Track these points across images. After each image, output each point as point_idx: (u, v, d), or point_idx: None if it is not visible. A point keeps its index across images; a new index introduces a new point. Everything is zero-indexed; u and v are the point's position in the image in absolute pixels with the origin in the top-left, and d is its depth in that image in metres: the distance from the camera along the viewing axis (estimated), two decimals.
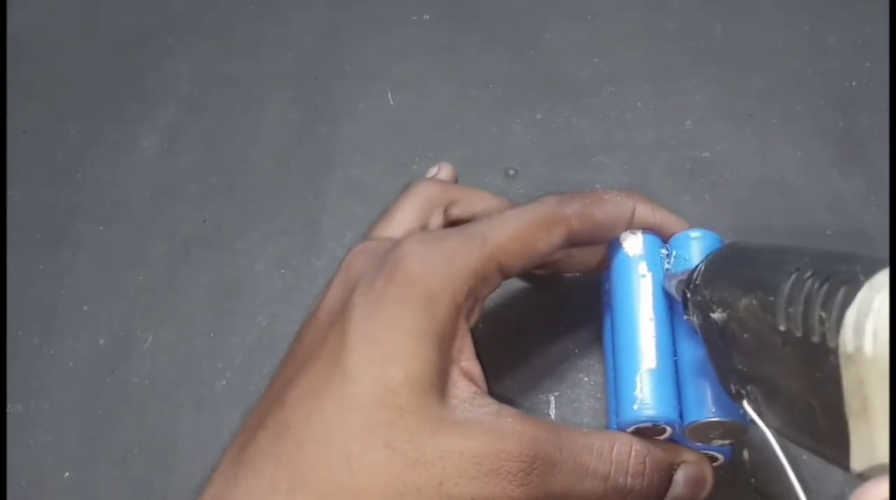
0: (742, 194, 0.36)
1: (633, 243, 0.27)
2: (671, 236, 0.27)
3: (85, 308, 0.36)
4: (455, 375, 0.23)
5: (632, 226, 0.27)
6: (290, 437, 0.21)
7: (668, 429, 0.24)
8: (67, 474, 0.31)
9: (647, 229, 0.27)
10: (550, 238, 0.25)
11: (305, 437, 0.21)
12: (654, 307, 0.26)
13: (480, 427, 0.22)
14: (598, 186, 0.37)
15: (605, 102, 0.40)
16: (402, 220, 0.28)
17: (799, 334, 0.17)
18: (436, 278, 0.23)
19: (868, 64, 0.40)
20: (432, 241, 0.24)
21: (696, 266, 0.23)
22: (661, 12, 0.43)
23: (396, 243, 0.24)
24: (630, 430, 0.24)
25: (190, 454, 0.31)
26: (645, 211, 0.27)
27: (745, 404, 0.20)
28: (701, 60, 0.41)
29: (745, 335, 0.19)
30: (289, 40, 0.45)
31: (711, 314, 0.21)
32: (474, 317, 0.25)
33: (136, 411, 0.33)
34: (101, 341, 0.35)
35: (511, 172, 0.38)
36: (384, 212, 0.29)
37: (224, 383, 0.33)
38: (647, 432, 0.24)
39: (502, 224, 0.25)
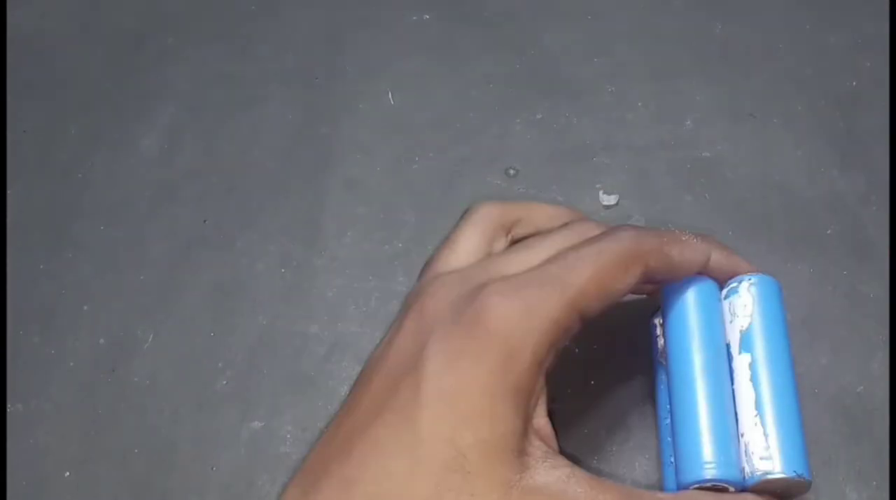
0: (742, 194, 0.36)
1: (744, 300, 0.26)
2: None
3: (85, 308, 0.36)
4: (530, 434, 0.22)
5: (705, 272, 0.26)
6: (356, 494, 0.21)
7: (731, 488, 0.24)
8: (67, 474, 0.31)
9: (712, 276, 0.27)
10: (628, 277, 0.24)
11: (372, 496, 0.21)
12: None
13: (548, 498, 0.21)
14: (598, 185, 0.37)
15: (605, 102, 0.40)
16: (466, 246, 0.27)
17: None
18: (517, 332, 0.22)
19: (868, 64, 0.40)
20: (511, 291, 0.23)
21: None
22: (661, 12, 0.43)
23: (473, 293, 0.23)
24: (691, 489, 0.24)
25: (190, 454, 0.31)
26: (720, 258, 0.26)
27: None
28: (701, 60, 0.41)
29: None
30: (289, 40, 0.44)
31: None
32: (551, 368, 0.24)
33: (136, 411, 0.33)
34: (102, 341, 0.35)
35: (511, 171, 0.38)
36: (446, 239, 0.28)
37: (224, 383, 0.33)
38: (708, 489, 0.24)
39: (580, 266, 0.24)
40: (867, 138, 0.37)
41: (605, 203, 0.37)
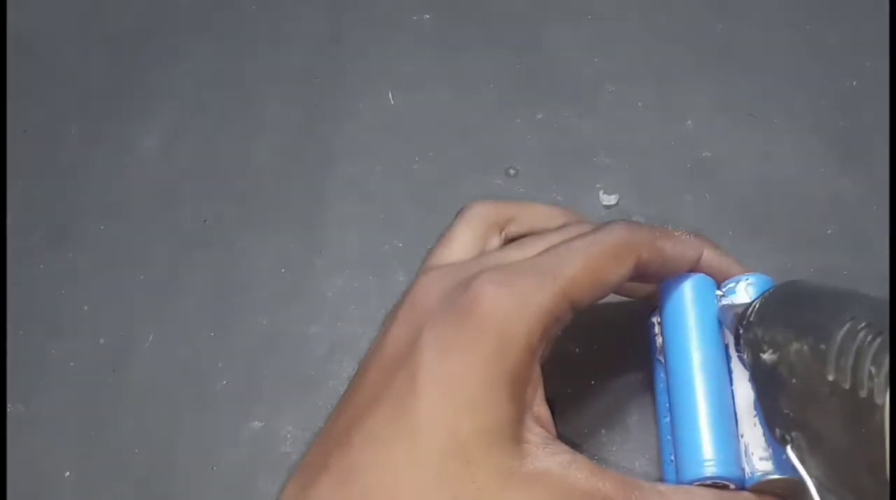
0: (743, 194, 0.36)
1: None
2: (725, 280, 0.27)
3: (85, 308, 0.36)
4: (528, 421, 0.22)
5: (697, 269, 0.26)
6: (356, 486, 0.21)
7: (731, 485, 0.24)
8: (68, 474, 0.31)
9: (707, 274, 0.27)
10: (620, 268, 0.24)
11: (372, 487, 0.21)
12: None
13: (549, 484, 0.21)
14: (598, 185, 0.37)
15: (605, 102, 0.40)
16: (460, 243, 0.27)
17: (847, 386, 0.16)
18: (509, 320, 0.22)
19: (868, 64, 0.40)
20: (503, 279, 0.23)
21: (752, 302, 0.22)
22: (661, 12, 0.43)
23: (465, 283, 0.23)
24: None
25: (190, 454, 0.31)
26: (713, 257, 0.26)
27: (789, 450, 0.20)
28: (702, 60, 0.41)
29: (794, 380, 0.19)
30: (289, 40, 0.44)
31: (762, 354, 0.20)
32: (545, 357, 0.24)
33: (136, 411, 0.33)
34: (102, 341, 0.35)
35: (511, 171, 0.38)
36: (441, 237, 0.28)
37: (224, 383, 0.33)
38: (708, 487, 0.24)
39: (572, 256, 0.24)
40: (867, 138, 0.37)
41: (605, 203, 0.37)
